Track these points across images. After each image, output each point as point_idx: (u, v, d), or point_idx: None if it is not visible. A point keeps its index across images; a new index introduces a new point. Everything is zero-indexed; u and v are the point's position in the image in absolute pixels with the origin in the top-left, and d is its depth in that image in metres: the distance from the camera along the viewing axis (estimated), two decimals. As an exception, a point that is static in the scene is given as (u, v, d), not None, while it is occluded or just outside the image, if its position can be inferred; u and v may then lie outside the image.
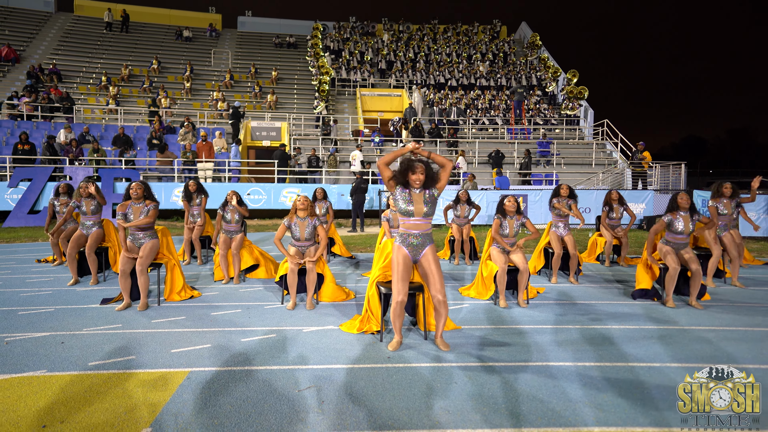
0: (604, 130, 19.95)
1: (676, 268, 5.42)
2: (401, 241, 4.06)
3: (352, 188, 13.24)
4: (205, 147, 15.67)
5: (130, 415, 2.92)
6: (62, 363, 3.71)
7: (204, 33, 28.54)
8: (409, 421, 2.89)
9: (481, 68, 25.50)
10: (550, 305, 5.60)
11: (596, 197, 13.82)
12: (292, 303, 5.38)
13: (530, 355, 3.98)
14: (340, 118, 21.08)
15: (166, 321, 4.84)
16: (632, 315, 5.20)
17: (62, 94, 18.87)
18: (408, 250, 4.04)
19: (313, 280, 5.40)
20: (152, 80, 22.19)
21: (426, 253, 4.06)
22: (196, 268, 7.64)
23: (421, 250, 4.07)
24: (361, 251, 9.62)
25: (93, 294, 5.91)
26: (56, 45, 24.39)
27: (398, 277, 3.98)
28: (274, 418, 2.90)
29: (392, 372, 3.60)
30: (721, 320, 5.03)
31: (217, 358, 3.85)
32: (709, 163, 52.54)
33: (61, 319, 4.83)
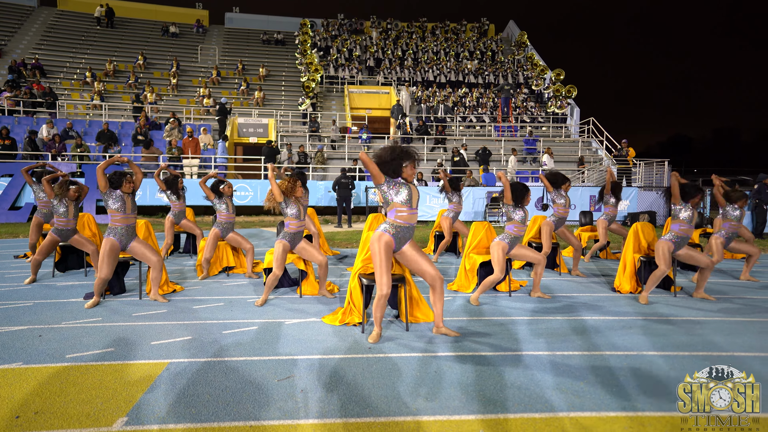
0: (590, 128, 20.13)
1: (665, 270, 5.45)
2: (393, 231, 4.00)
3: (334, 182, 13.22)
4: (191, 143, 15.56)
5: (107, 406, 2.90)
6: (39, 355, 3.67)
7: (191, 29, 28.26)
8: (388, 408, 2.91)
9: (468, 66, 25.59)
10: (530, 298, 5.66)
11: (581, 194, 13.97)
12: (263, 300, 5.26)
13: (509, 344, 4.02)
14: (328, 115, 21.04)
15: (147, 314, 4.81)
16: (611, 306, 5.27)
17: (45, 89, 18.59)
18: (396, 239, 4.02)
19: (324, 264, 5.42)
20: (138, 76, 21.94)
21: (408, 243, 4.13)
22: (179, 263, 7.59)
23: (405, 242, 4.11)
24: (347, 247, 9.62)
25: (74, 288, 5.85)
26: (39, 39, 24.00)
27: (383, 269, 3.95)
28: (252, 406, 2.90)
29: (372, 362, 3.62)
30: (698, 311, 5.13)
31: (197, 349, 3.84)
32: (694, 161, 53.20)
33: (40, 313, 4.78)
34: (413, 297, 4.64)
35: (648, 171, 17.20)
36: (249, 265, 6.67)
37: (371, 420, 2.78)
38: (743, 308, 5.30)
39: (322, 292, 5.61)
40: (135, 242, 5.19)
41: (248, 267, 6.67)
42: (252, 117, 19.77)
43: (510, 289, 5.86)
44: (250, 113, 20.25)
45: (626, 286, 5.99)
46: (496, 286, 6.03)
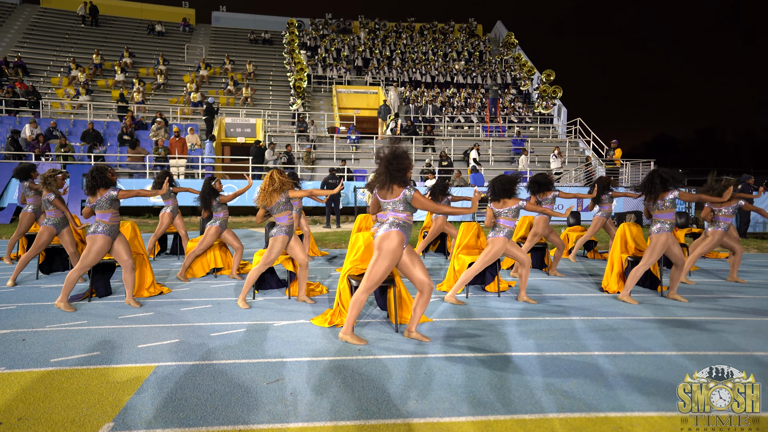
0: (577, 129, 20.31)
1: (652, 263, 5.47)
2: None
3: (322, 182, 13.21)
4: (178, 143, 15.41)
5: (92, 411, 2.85)
6: (22, 360, 3.60)
7: (177, 28, 27.99)
8: (378, 411, 2.90)
9: (457, 66, 25.67)
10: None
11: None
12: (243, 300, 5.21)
13: (498, 345, 4.03)
14: (316, 115, 20.96)
15: (133, 317, 4.75)
16: (599, 307, 5.32)
17: (28, 88, 18.29)
18: None
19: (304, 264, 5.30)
20: (125, 71, 21.63)
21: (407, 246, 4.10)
22: (166, 265, 7.51)
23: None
24: (335, 247, 9.59)
25: (59, 291, 5.74)
26: (21, 37, 23.60)
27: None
28: (241, 410, 2.87)
29: (361, 363, 3.60)
30: (685, 310, 5.19)
31: (185, 352, 3.79)
32: (680, 161, 53.91)
33: (23, 317, 4.69)
34: (402, 298, 4.63)
35: (635, 171, 17.37)
36: (235, 265, 6.61)
37: (361, 423, 2.77)
38: (730, 308, 5.38)
39: (302, 297, 5.40)
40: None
41: (234, 267, 6.60)
42: (239, 117, 19.63)
43: (499, 289, 5.88)
44: (237, 113, 20.10)
45: (614, 286, 6.04)
46: (485, 286, 6.05)
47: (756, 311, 5.24)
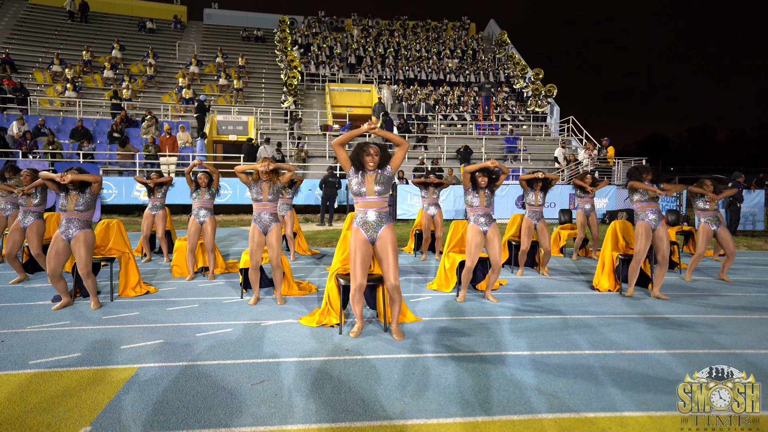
0: (570, 127, 20.32)
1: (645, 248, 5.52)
2: (358, 221, 4.03)
3: (321, 180, 13.14)
4: (169, 141, 15.23)
5: (69, 414, 2.77)
6: (0, 362, 3.51)
7: (168, 25, 27.72)
8: (365, 412, 2.84)
9: (450, 64, 25.61)
10: (511, 296, 5.64)
11: (560, 192, 14.08)
12: (255, 298, 5.23)
13: (490, 344, 3.98)
14: (309, 112, 20.84)
15: (117, 317, 4.65)
16: (590, 305, 5.28)
17: (16, 84, 18.03)
18: (364, 230, 4.00)
19: (279, 276, 5.25)
20: (115, 68, 21.38)
21: (382, 235, 4.01)
22: (154, 264, 7.40)
23: (378, 230, 4.01)
24: (328, 246, 9.51)
25: (41, 291, 5.64)
26: (9, 33, 23.26)
27: (357, 262, 3.96)
28: (224, 413, 2.80)
29: (349, 364, 3.54)
30: (675, 308, 5.16)
31: (169, 353, 3.71)
32: (671, 160, 54.19)
33: (4, 317, 4.58)
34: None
35: (626, 169, 17.41)
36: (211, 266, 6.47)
37: (347, 425, 2.71)
38: (722, 305, 5.36)
39: (278, 297, 5.25)
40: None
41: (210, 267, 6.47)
42: (231, 114, 19.47)
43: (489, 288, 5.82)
44: (229, 111, 19.94)
45: (605, 283, 6.01)
46: (476, 285, 5.99)
47: (745, 309, 5.22)
